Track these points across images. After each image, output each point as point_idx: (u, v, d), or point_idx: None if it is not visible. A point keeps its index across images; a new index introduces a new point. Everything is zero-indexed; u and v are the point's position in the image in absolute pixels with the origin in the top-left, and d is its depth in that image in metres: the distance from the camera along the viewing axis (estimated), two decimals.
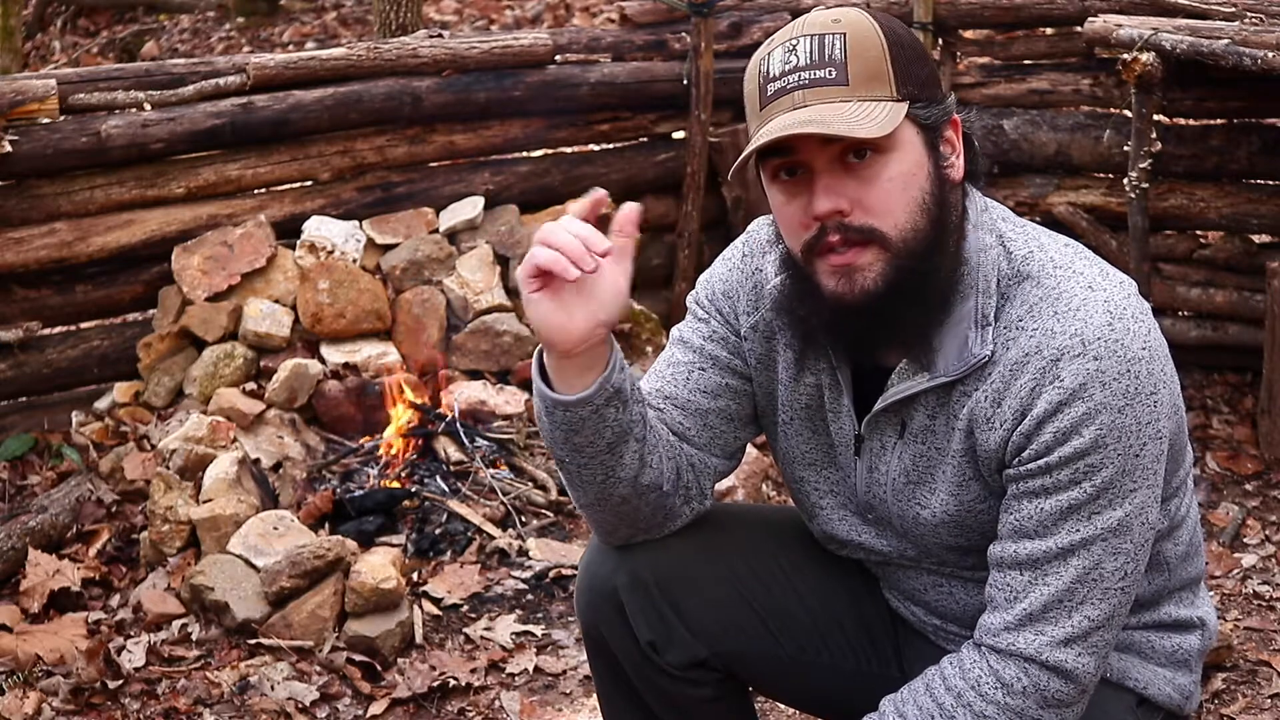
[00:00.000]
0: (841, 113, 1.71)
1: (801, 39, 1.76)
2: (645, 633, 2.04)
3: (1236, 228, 4.49)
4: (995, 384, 1.79)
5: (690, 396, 2.02)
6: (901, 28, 1.82)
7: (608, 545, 2.07)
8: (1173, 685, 1.97)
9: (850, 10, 1.79)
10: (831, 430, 1.97)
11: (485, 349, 4.32)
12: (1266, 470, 4.13)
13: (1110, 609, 1.79)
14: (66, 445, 4.07)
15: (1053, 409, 1.73)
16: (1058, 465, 1.75)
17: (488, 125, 4.59)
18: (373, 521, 3.70)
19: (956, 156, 1.81)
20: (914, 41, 1.81)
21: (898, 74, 1.75)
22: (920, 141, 1.77)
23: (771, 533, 2.15)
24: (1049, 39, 4.80)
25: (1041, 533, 1.78)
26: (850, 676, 2.11)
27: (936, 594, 2.01)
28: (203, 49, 9.17)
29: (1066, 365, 1.73)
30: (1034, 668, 1.79)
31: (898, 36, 1.79)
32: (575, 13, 8.75)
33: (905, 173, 1.76)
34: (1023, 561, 1.79)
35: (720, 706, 2.13)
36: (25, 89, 3.97)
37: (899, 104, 1.74)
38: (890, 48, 1.76)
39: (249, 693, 3.16)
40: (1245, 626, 3.42)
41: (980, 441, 1.82)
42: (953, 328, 1.81)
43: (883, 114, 1.72)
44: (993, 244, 1.82)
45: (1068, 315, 1.75)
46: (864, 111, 1.71)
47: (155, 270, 4.26)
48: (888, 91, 1.74)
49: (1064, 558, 1.77)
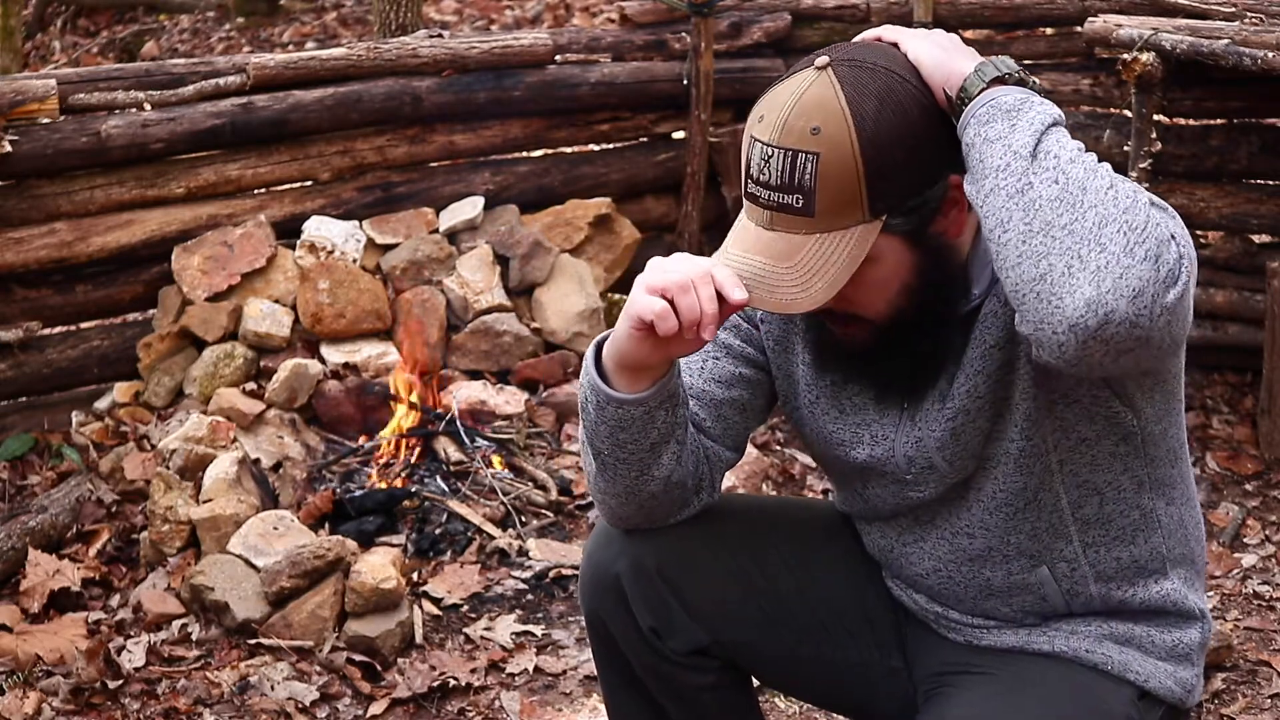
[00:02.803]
0: (793, 266, 1.74)
1: (776, 152, 1.73)
2: (647, 618, 2.05)
3: (1236, 228, 4.49)
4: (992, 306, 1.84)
5: (705, 387, 2.02)
6: (890, 123, 1.72)
7: (612, 530, 2.07)
8: (1174, 679, 1.98)
9: (830, 110, 1.71)
10: (871, 402, 1.97)
11: (485, 349, 4.32)
12: (1266, 470, 4.13)
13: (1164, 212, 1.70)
14: (66, 445, 4.07)
15: None
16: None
17: (488, 125, 4.59)
18: (373, 521, 3.70)
19: (960, 211, 1.80)
20: (900, 137, 1.73)
21: (872, 193, 1.72)
22: (900, 245, 1.77)
23: (774, 522, 2.15)
24: (1049, 39, 4.80)
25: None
26: (852, 666, 2.12)
27: (935, 579, 2.02)
28: (203, 49, 9.17)
29: None
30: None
31: (878, 147, 1.71)
32: (575, 13, 8.75)
33: (883, 278, 1.78)
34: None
35: (722, 695, 2.14)
36: (25, 89, 3.97)
37: (870, 225, 1.74)
38: (867, 168, 1.70)
39: (249, 693, 3.16)
40: (1245, 626, 3.42)
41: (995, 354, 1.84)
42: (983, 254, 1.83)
43: (844, 250, 1.73)
44: None
45: None
46: (821, 254, 1.73)
47: (155, 270, 4.26)
48: (858, 216, 1.73)
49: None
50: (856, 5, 4.80)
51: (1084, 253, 1.59)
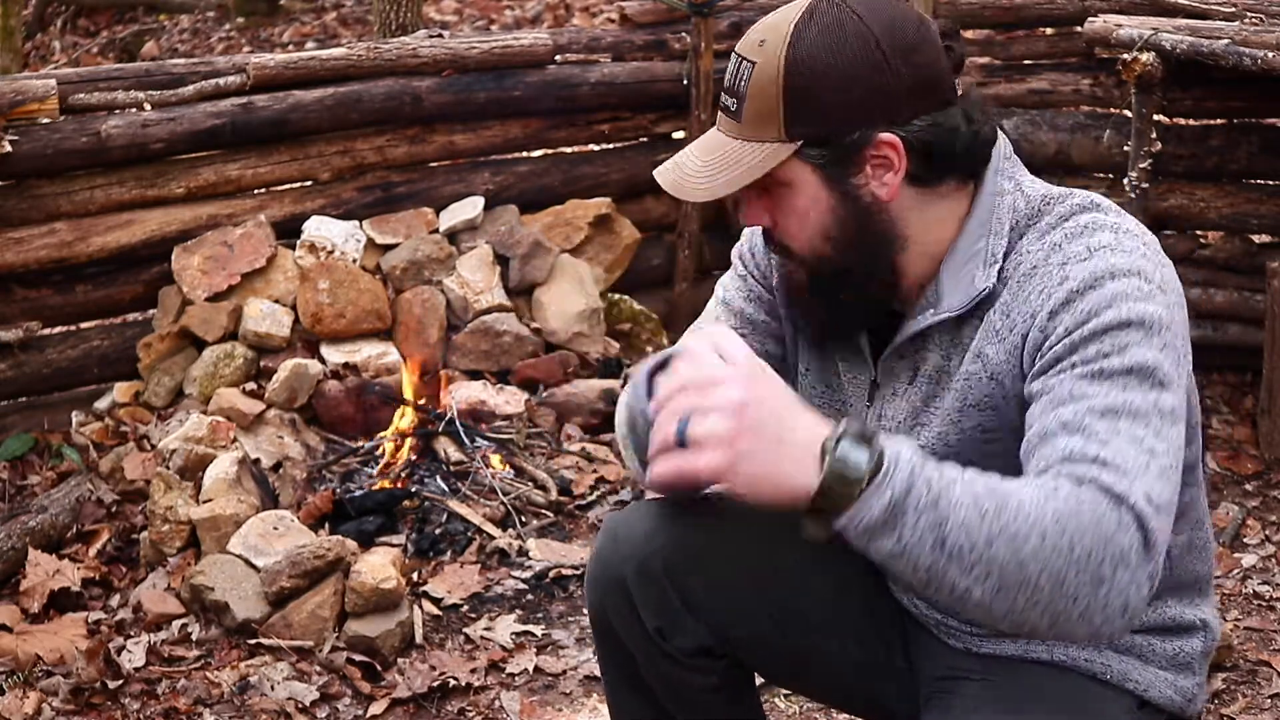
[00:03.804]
0: (712, 157, 1.79)
1: (734, 56, 1.81)
2: (653, 619, 2.05)
3: (1236, 228, 4.49)
4: (1004, 300, 1.79)
5: None
6: (826, 56, 1.74)
7: (619, 529, 2.09)
8: (1174, 688, 1.97)
9: (780, 28, 1.76)
10: (845, 382, 1.98)
11: (485, 349, 4.32)
12: (1266, 470, 4.13)
13: (1168, 491, 1.60)
14: (66, 445, 4.07)
15: (1065, 298, 1.71)
16: (1082, 341, 1.68)
17: (488, 125, 4.60)
18: (373, 521, 3.70)
19: (894, 173, 1.79)
20: (829, 69, 1.74)
21: (789, 116, 1.75)
22: (817, 179, 1.79)
23: (780, 522, 2.15)
24: (1049, 39, 4.80)
25: (1079, 397, 1.65)
26: (856, 666, 2.12)
27: None
28: (203, 49, 9.17)
29: (1074, 267, 1.73)
30: (1099, 493, 1.59)
31: (806, 71, 1.74)
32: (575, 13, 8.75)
33: (801, 208, 1.80)
34: (1068, 422, 1.64)
35: (725, 695, 2.14)
36: (25, 89, 3.97)
37: (784, 145, 1.77)
38: (787, 88, 1.74)
39: (249, 693, 3.16)
40: (1245, 626, 3.42)
41: (990, 357, 1.80)
42: (959, 268, 1.82)
43: (754, 160, 1.77)
44: (1010, 189, 1.84)
45: (1075, 235, 1.76)
46: (734, 157, 1.78)
47: (155, 270, 4.26)
48: (775, 133, 1.77)
49: (1111, 418, 1.62)
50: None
51: (1060, 610, 1.54)
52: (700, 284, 4.83)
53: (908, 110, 1.77)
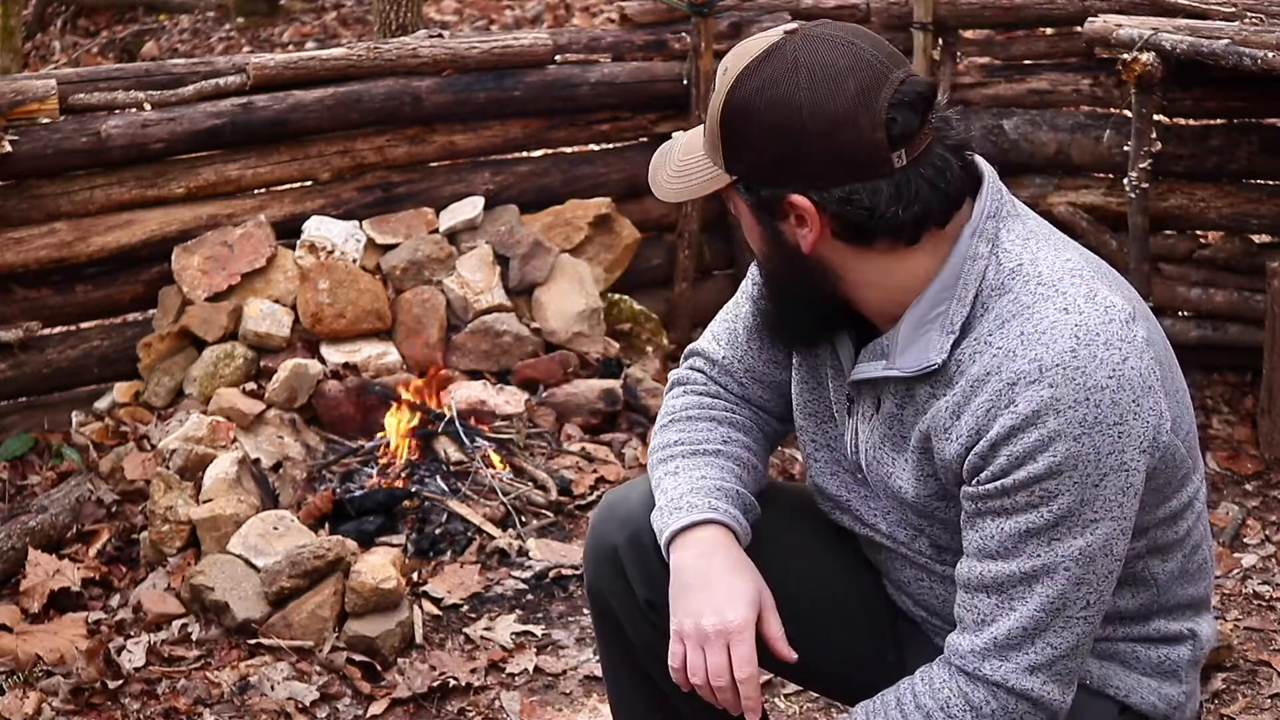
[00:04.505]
0: (685, 162, 1.88)
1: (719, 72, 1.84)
2: (644, 590, 2.06)
3: (1236, 228, 4.49)
4: (956, 396, 1.79)
5: (766, 369, 2.11)
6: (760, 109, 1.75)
7: (616, 503, 2.13)
8: (1158, 695, 1.95)
9: (741, 60, 1.78)
10: (830, 386, 2.00)
11: (485, 349, 4.32)
12: (1266, 470, 4.13)
13: (1075, 638, 1.81)
14: (66, 445, 4.07)
15: (1006, 434, 1.73)
16: (1014, 488, 1.75)
17: (488, 125, 4.59)
18: (373, 521, 3.70)
19: (809, 231, 1.80)
20: (763, 124, 1.75)
21: (726, 152, 1.82)
22: (748, 212, 1.86)
23: (776, 511, 2.15)
24: (1049, 39, 4.80)
25: (1004, 554, 1.79)
26: (847, 656, 2.12)
27: (919, 587, 2.03)
28: (203, 49, 9.17)
29: (1022, 391, 1.72)
30: (1002, 693, 1.81)
31: (740, 117, 1.77)
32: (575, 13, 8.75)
33: (746, 227, 1.88)
34: (988, 584, 1.81)
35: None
36: (25, 89, 3.97)
37: (723, 175, 1.84)
38: (724, 126, 1.80)
39: (249, 693, 3.16)
40: (1245, 626, 3.42)
41: (937, 449, 1.83)
42: (920, 327, 1.81)
43: (701, 179, 1.86)
44: (984, 253, 1.80)
45: (1032, 338, 1.73)
46: (694, 168, 1.87)
47: (155, 270, 4.26)
48: (719, 160, 1.84)
49: (1028, 583, 1.78)
50: (856, 5, 4.79)
51: None
52: (700, 284, 4.83)
53: (823, 180, 1.76)
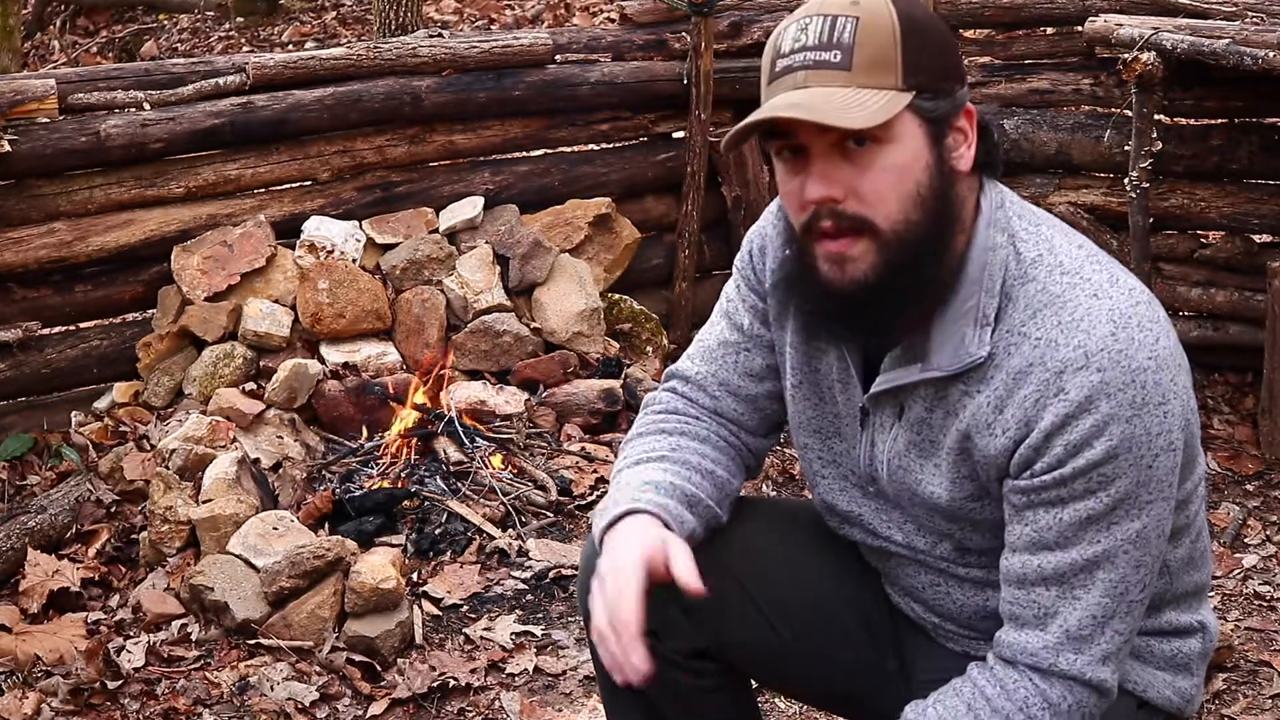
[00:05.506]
0: (835, 99, 1.69)
1: (815, 18, 1.73)
2: (646, 621, 2.04)
3: (1237, 228, 4.49)
4: (998, 389, 1.77)
5: (741, 382, 2.07)
6: (924, 14, 1.76)
7: None
8: (1172, 688, 1.97)
9: None
10: (839, 400, 1.97)
11: (485, 349, 4.31)
12: (1267, 470, 4.12)
13: (1135, 621, 1.81)
14: (66, 445, 4.06)
15: (1060, 422, 1.73)
16: (1072, 477, 1.74)
17: (488, 125, 4.60)
18: (373, 521, 3.70)
19: (968, 147, 1.78)
20: (937, 28, 1.77)
21: (906, 63, 1.72)
22: (922, 134, 1.74)
23: (773, 523, 2.14)
24: (1049, 39, 4.80)
25: (1063, 544, 1.77)
26: (849, 667, 2.11)
27: (934, 592, 2.01)
28: (202, 49, 9.17)
29: (1070, 379, 1.72)
30: (1079, 687, 1.80)
31: (916, 23, 1.74)
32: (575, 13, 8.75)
33: (902, 164, 1.73)
34: (1048, 576, 1.79)
35: (722, 697, 2.13)
36: (25, 89, 3.97)
37: (901, 94, 1.72)
38: (904, 35, 1.71)
39: (249, 693, 3.16)
40: (1246, 627, 3.42)
41: (980, 446, 1.81)
42: (951, 324, 1.80)
43: (878, 104, 1.70)
44: (1003, 243, 1.80)
45: (1071, 326, 1.74)
46: (858, 100, 1.69)
47: (155, 270, 4.26)
48: (892, 81, 1.71)
49: (1089, 570, 1.77)
50: None
51: None
52: (700, 284, 4.83)
53: (963, 88, 1.80)
